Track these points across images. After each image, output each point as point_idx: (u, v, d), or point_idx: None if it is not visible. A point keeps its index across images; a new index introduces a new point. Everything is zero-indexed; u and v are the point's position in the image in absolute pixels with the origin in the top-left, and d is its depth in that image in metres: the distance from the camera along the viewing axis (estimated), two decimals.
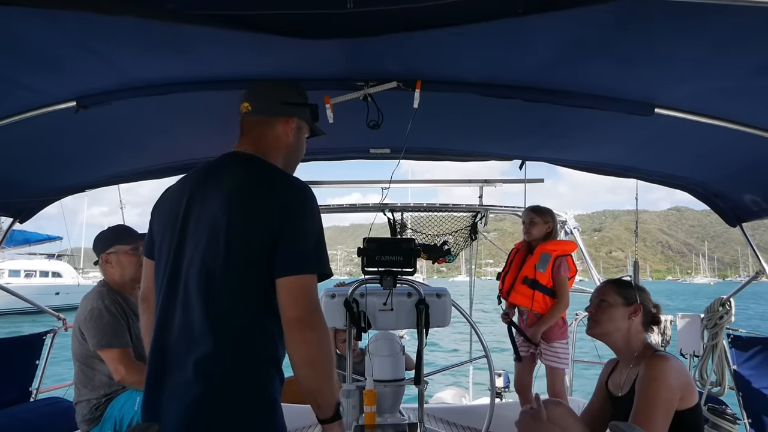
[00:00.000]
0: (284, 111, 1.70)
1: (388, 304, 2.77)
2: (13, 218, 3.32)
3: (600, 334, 2.27)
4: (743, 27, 1.45)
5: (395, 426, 2.69)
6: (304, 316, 1.44)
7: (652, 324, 2.28)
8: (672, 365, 2.04)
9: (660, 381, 2.00)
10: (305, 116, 1.75)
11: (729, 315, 3.43)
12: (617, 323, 2.22)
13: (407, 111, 2.08)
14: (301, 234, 1.49)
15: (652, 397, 2.00)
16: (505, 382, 5.67)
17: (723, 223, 3.23)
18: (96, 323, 2.56)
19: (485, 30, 1.52)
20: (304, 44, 1.65)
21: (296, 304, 1.45)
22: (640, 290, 2.29)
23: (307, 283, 1.46)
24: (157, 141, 2.87)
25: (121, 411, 2.56)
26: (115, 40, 1.64)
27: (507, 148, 3.32)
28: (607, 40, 1.64)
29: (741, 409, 3.26)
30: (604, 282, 2.42)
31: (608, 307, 2.24)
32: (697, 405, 2.09)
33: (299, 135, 1.74)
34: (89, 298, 2.68)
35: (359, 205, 5.14)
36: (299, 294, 1.45)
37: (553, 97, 2.10)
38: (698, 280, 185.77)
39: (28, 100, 2.09)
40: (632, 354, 2.20)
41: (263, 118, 1.70)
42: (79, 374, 2.64)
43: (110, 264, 2.74)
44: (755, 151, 2.33)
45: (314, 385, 1.49)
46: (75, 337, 2.66)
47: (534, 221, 3.79)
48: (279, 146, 1.69)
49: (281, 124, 1.69)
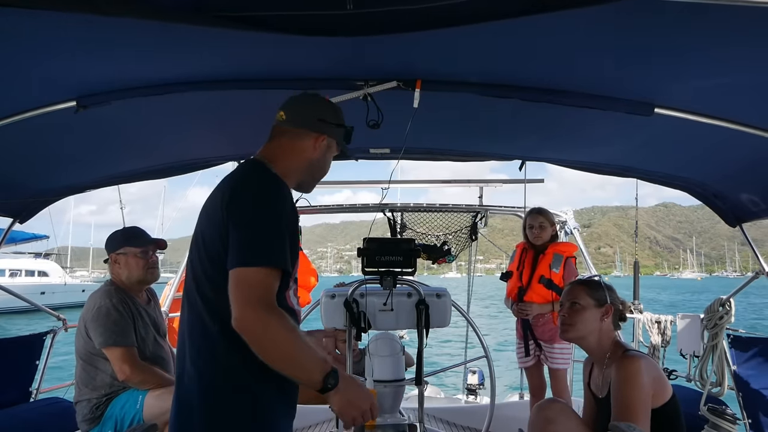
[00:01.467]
0: (317, 127, 1.70)
1: (388, 305, 2.77)
2: (12, 218, 3.32)
3: (575, 338, 2.26)
4: (743, 27, 1.45)
5: (395, 426, 2.69)
6: (238, 315, 1.38)
7: (620, 321, 2.29)
8: (642, 365, 2.04)
9: (632, 382, 2.01)
10: (337, 137, 1.75)
11: (729, 315, 3.43)
12: (591, 326, 2.21)
13: (407, 111, 2.08)
14: (239, 227, 1.46)
15: (628, 398, 2.01)
16: (480, 379, 5.68)
17: (710, 218, 3.25)
18: (103, 321, 2.57)
19: (485, 30, 1.52)
20: (304, 44, 1.65)
21: (234, 301, 1.39)
22: (609, 289, 2.28)
23: (241, 276, 1.40)
24: (157, 141, 2.87)
25: (122, 410, 2.57)
26: (115, 40, 1.64)
27: (507, 148, 3.33)
28: (607, 40, 1.64)
29: (741, 409, 3.25)
30: (573, 283, 2.40)
31: (581, 310, 2.22)
32: (671, 400, 2.08)
33: (326, 153, 1.74)
34: (96, 296, 2.69)
35: (359, 205, 5.14)
36: (235, 289, 1.40)
37: (553, 97, 2.10)
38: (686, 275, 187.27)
39: (28, 100, 2.09)
40: (604, 354, 2.20)
41: (294, 129, 1.70)
42: (81, 373, 2.64)
43: (118, 264, 2.76)
44: (755, 151, 2.33)
45: (287, 372, 1.43)
46: (80, 334, 2.66)
47: (543, 225, 3.81)
48: (301, 158, 1.69)
49: (312, 138, 1.69)
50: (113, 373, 2.58)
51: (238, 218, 1.46)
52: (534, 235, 3.82)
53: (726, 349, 3.43)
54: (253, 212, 1.47)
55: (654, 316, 4.47)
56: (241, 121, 2.69)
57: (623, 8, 1.36)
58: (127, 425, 2.53)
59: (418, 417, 2.82)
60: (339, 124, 1.75)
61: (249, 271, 1.41)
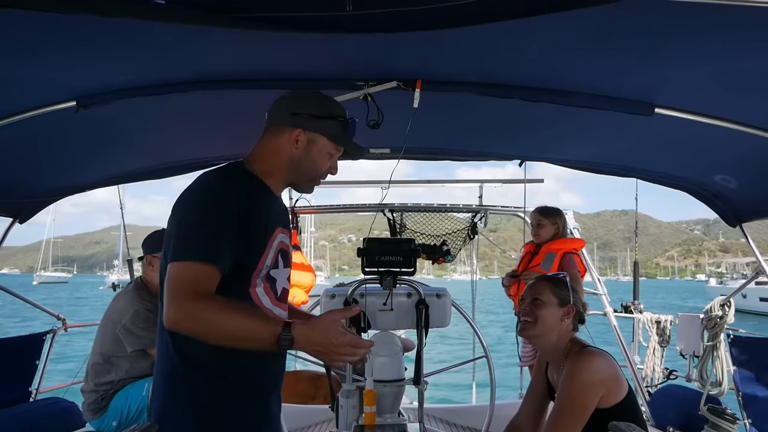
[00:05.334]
0: (291, 121, 1.65)
1: (388, 305, 2.77)
2: (12, 218, 3.32)
3: (534, 336, 2.15)
4: (743, 27, 1.44)
5: (395, 426, 2.68)
6: (166, 314, 1.40)
7: (579, 323, 2.20)
8: (592, 363, 1.97)
9: (574, 380, 1.95)
10: (319, 129, 1.66)
11: (728, 315, 3.43)
12: (551, 325, 2.11)
13: (407, 111, 2.08)
14: (175, 225, 1.49)
15: (564, 399, 1.96)
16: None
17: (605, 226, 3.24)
18: (143, 325, 2.67)
19: (485, 30, 1.52)
20: (304, 44, 1.65)
21: (164, 299, 1.42)
22: (572, 290, 2.20)
23: (170, 272, 1.42)
24: (156, 141, 2.87)
25: (127, 400, 2.63)
26: (115, 40, 1.64)
27: (507, 148, 3.33)
28: (607, 40, 1.64)
29: (741, 409, 3.25)
30: (538, 278, 2.29)
31: (542, 306, 2.12)
32: (625, 400, 1.99)
33: (309, 148, 1.66)
34: (129, 299, 2.74)
35: (359, 205, 5.14)
36: (165, 287, 1.43)
37: (553, 97, 2.10)
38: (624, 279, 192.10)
39: (28, 100, 2.09)
40: (561, 354, 2.12)
41: (273, 127, 1.69)
42: (94, 366, 2.71)
43: (152, 267, 2.83)
44: (755, 151, 2.33)
45: (237, 346, 1.43)
46: (107, 333, 2.71)
47: (541, 223, 3.80)
48: (280, 155, 1.66)
49: (286, 133, 1.65)
50: (128, 371, 2.71)
51: (175, 217, 1.51)
52: (534, 233, 3.84)
53: (726, 348, 3.44)
54: (187, 208, 1.50)
55: (654, 316, 4.48)
56: (241, 121, 2.68)
57: (623, 8, 1.36)
58: (132, 412, 2.58)
59: (418, 417, 2.81)
60: (322, 116, 1.65)
61: (175, 266, 1.42)
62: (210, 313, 1.38)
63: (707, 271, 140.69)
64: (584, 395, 1.94)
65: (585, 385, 1.93)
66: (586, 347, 2.10)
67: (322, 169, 1.72)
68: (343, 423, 2.51)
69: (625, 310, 4.79)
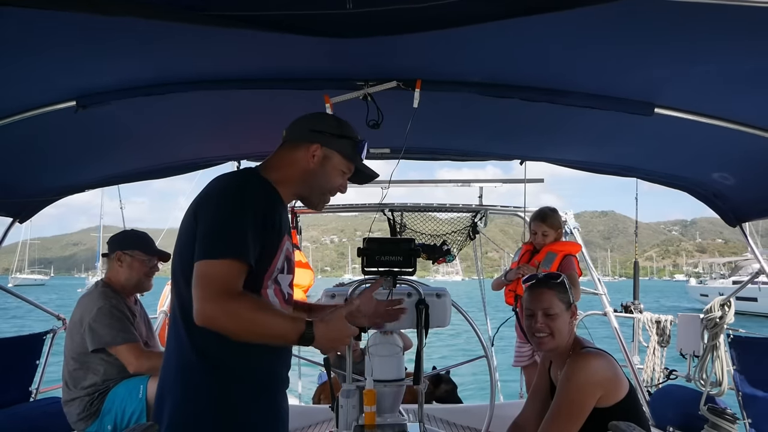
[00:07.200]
0: (310, 137, 1.72)
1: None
2: (12, 218, 3.32)
3: (554, 347, 2.13)
4: (743, 27, 1.45)
5: (395, 426, 2.68)
6: (198, 310, 1.42)
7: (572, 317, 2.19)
8: (590, 364, 1.97)
9: (571, 381, 1.95)
10: (335, 146, 1.73)
11: (728, 315, 3.43)
12: (565, 332, 2.11)
13: (407, 111, 2.08)
14: (202, 223, 1.51)
15: (561, 398, 1.96)
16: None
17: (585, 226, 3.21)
18: (107, 321, 2.59)
19: (485, 30, 1.52)
20: (304, 44, 1.65)
21: (194, 296, 1.44)
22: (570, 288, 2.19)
23: (201, 270, 1.45)
24: (156, 141, 2.87)
25: (122, 403, 2.57)
26: (115, 40, 1.64)
27: (507, 148, 3.33)
28: (607, 39, 1.64)
29: (741, 409, 3.25)
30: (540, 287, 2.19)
31: (555, 318, 2.09)
32: (626, 399, 1.98)
33: (324, 163, 1.73)
34: (93, 299, 2.68)
35: (359, 205, 5.13)
36: (195, 284, 1.44)
37: (553, 97, 2.10)
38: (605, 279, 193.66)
39: (28, 100, 2.09)
40: (566, 353, 2.12)
41: (290, 141, 1.74)
42: (71, 373, 2.64)
43: (121, 264, 2.77)
44: (755, 150, 2.33)
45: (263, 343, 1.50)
46: (74, 335, 2.66)
47: (546, 233, 3.80)
48: (296, 168, 1.72)
49: (304, 148, 1.71)
50: (105, 371, 2.60)
51: (202, 216, 1.52)
52: (537, 240, 3.85)
53: (726, 349, 3.44)
54: (216, 208, 1.53)
55: (654, 316, 4.48)
56: (241, 121, 2.69)
57: (623, 8, 1.36)
58: (128, 416, 2.55)
59: (418, 417, 2.81)
60: (340, 135, 1.73)
61: (208, 263, 1.45)
62: (248, 312, 1.43)
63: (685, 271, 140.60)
64: (581, 396, 1.94)
65: (582, 386, 1.94)
66: (586, 347, 2.11)
67: (334, 184, 1.79)
68: (343, 423, 2.50)
69: (625, 310, 4.79)
